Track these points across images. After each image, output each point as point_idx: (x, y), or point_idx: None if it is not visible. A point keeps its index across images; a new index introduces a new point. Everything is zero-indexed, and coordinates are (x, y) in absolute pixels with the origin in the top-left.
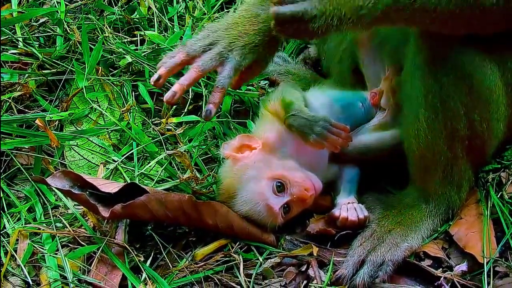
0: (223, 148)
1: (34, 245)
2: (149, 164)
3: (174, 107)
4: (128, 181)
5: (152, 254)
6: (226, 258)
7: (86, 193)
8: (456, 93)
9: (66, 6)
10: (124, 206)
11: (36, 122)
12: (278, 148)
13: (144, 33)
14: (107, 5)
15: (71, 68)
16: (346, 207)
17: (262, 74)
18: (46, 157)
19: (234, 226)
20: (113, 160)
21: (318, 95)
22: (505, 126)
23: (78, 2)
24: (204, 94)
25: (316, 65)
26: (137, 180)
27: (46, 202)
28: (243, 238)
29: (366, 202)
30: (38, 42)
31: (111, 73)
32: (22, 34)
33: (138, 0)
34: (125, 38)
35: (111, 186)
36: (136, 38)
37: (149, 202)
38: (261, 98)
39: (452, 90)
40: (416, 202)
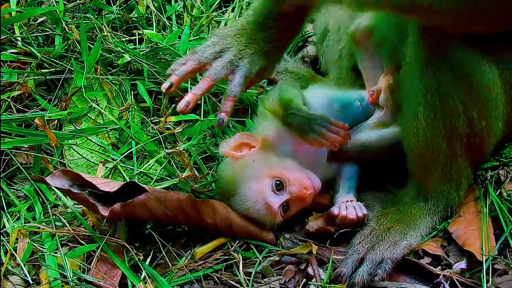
0: (222, 146)
1: (34, 244)
2: (148, 163)
3: (173, 106)
4: (127, 180)
5: (151, 252)
6: (226, 257)
7: (86, 192)
8: (455, 91)
9: (65, 5)
10: (123, 205)
11: (35, 121)
12: (277, 146)
13: (142, 32)
14: (106, 4)
15: (70, 67)
16: (345, 205)
17: None
18: (45, 156)
19: (233, 224)
20: (112, 159)
21: (317, 94)
22: (503, 124)
23: (76, 1)
24: None
25: (314, 63)
26: (136, 179)
27: (46, 201)
28: (242, 236)
29: (365, 200)
30: (37, 42)
31: (110, 72)
32: (20, 33)
33: None
34: (123, 37)
35: (111, 185)
36: (134, 37)
37: (148, 201)
38: (259, 96)
39: (451, 89)
40: (415, 200)
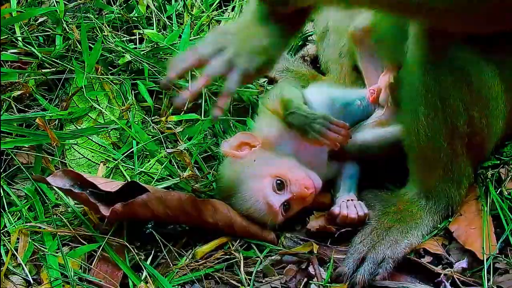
0: (223, 146)
1: (35, 243)
2: (149, 162)
3: (173, 105)
4: (128, 179)
5: (152, 252)
6: (227, 256)
7: (87, 192)
8: (455, 90)
9: (65, 5)
10: (124, 205)
11: (36, 121)
12: (277, 146)
13: (143, 31)
14: (106, 4)
15: (71, 67)
16: (346, 205)
17: None
18: (46, 156)
19: (234, 224)
20: (113, 158)
21: (317, 93)
22: (504, 122)
23: (77, 1)
24: (203, 93)
25: (314, 62)
26: (137, 178)
27: (47, 201)
28: (243, 236)
29: (366, 199)
30: (37, 42)
31: (111, 71)
32: (21, 33)
33: None
34: (124, 37)
35: (112, 185)
36: (135, 37)
37: (149, 200)
38: (260, 96)
39: (451, 88)
40: (415, 199)
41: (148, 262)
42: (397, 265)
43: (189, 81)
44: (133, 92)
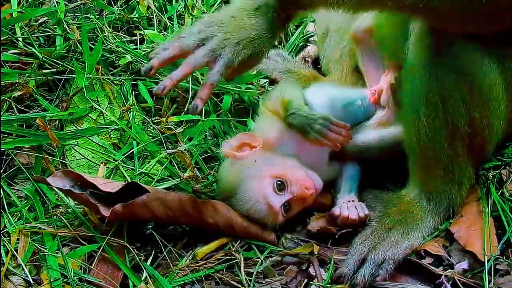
0: (223, 146)
1: (35, 244)
2: (149, 163)
3: (174, 106)
4: (128, 180)
5: (152, 253)
6: (227, 257)
7: (87, 192)
8: (456, 91)
9: (66, 6)
10: (124, 206)
11: (36, 121)
12: (278, 146)
13: (143, 32)
14: (107, 4)
15: (71, 67)
16: (347, 205)
17: (261, 72)
18: (46, 156)
19: (234, 225)
20: (113, 159)
21: (318, 93)
22: (505, 123)
23: (77, 1)
24: None
25: (315, 63)
26: (137, 179)
27: (47, 201)
28: (244, 236)
29: (366, 200)
30: (38, 42)
31: (111, 72)
32: (22, 34)
33: None
34: (124, 37)
35: (112, 186)
36: (135, 37)
37: (149, 201)
38: (261, 96)
39: (452, 88)
40: (416, 200)
41: (148, 262)
42: (397, 266)
43: (189, 81)
44: (133, 92)
